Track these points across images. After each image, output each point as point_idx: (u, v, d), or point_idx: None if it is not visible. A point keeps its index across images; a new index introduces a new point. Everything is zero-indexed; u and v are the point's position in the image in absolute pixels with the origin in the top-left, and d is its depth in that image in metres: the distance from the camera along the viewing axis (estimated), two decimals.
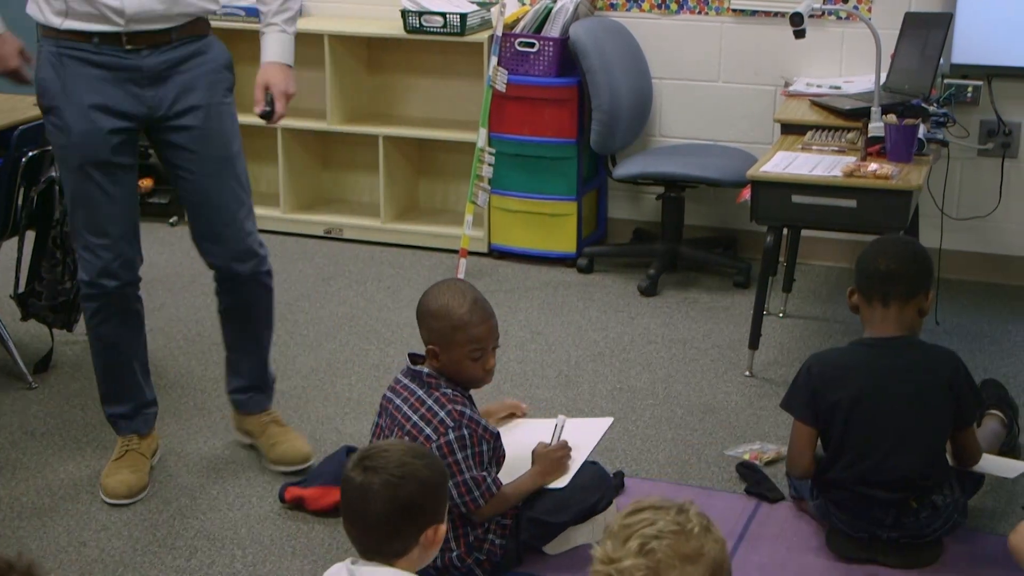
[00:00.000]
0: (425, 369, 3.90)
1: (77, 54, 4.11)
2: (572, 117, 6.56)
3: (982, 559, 4.01)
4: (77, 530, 4.16)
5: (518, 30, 6.55)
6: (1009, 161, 6.29)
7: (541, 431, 4.20)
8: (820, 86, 6.18)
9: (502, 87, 6.49)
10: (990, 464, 4.19)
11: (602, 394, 5.18)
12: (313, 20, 7.18)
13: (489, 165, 6.54)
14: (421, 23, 6.69)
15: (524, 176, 6.66)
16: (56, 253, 5.22)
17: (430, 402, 3.84)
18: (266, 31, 4.45)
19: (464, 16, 6.63)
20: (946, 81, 6.11)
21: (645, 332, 5.82)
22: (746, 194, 5.15)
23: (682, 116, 6.77)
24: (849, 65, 6.38)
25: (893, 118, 5.18)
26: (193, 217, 4.49)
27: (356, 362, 5.49)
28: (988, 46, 6.11)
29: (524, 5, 6.74)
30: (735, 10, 6.55)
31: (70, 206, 4.30)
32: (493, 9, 6.73)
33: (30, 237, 5.28)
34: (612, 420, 4.43)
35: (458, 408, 3.83)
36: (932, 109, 5.47)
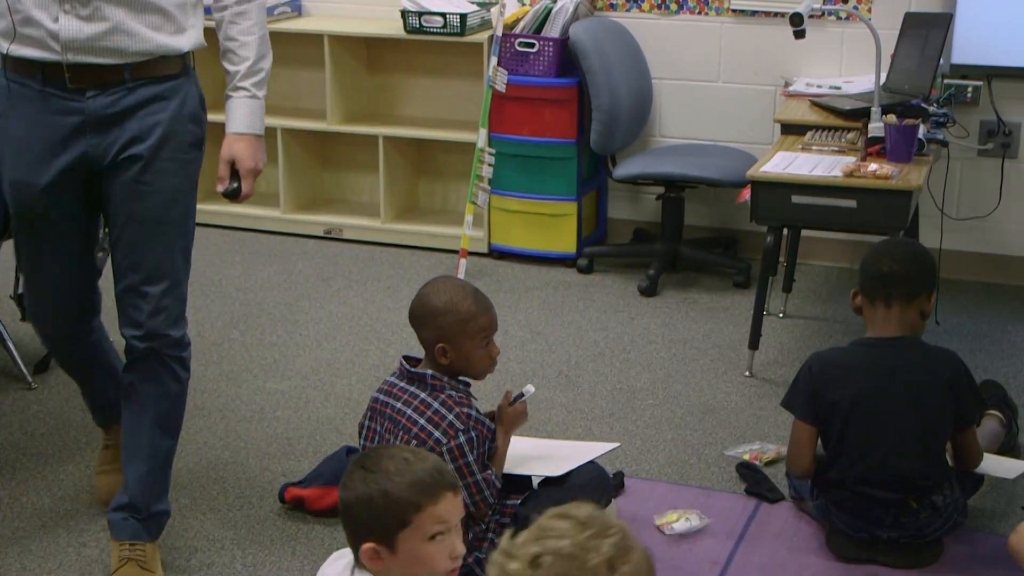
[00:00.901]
0: (429, 371, 3.86)
1: (24, 91, 3.66)
2: (572, 117, 6.56)
3: (982, 559, 4.01)
4: (76, 531, 4.15)
5: (518, 30, 6.55)
6: (1009, 161, 6.30)
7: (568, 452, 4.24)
8: (820, 86, 6.18)
9: (502, 87, 6.49)
10: (990, 464, 4.19)
11: (602, 394, 5.18)
12: (313, 20, 7.20)
13: (489, 165, 6.54)
14: (421, 23, 6.69)
15: (524, 176, 6.66)
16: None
17: (436, 405, 3.80)
18: (233, 95, 3.88)
19: (464, 16, 6.63)
20: (946, 81, 6.11)
21: (645, 332, 5.81)
22: (746, 194, 5.15)
23: (682, 116, 6.78)
24: (849, 65, 6.39)
25: (893, 118, 5.18)
26: (117, 279, 3.87)
27: (356, 362, 5.48)
28: (988, 46, 6.12)
29: (524, 5, 6.74)
30: (735, 10, 6.55)
31: (24, 267, 3.96)
32: (493, 9, 6.73)
33: None
34: (618, 444, 4.41)
35: (465, 410, 3.82)
36: (932, 109, 5.47)
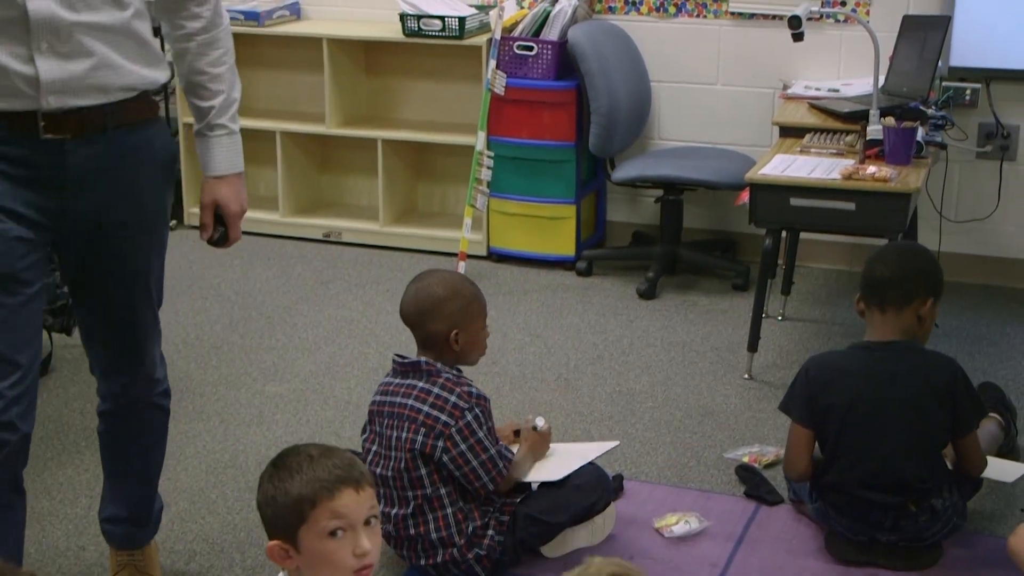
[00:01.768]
0: (421, 359, 3.92)
1: None
2: (571, 120, 6.56)
3: (981, 562, 4.01)
4: (76, 534, 4.16)
5: (516, 33, 6.56)
6: (1008, 164, 6.29)
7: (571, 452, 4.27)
8: (818, 89, 6.18)
9: (501, 90, 6.50)
10: (989, 468, 4.19)
11: (601, 397, 5.18)
12: (312, 24, 7.20)
13: (488, 168, 6.55)
14: (419, 27, 6.70)
15: (523, 179, 6.67)
16: (53, 256, 5.17)
17: (436, 389, 3.86)
18: (210, 134, 3.53)
19: (463, 20, 6.64)
20: (944, 84, 6.11)
21: (644, 335, 5.81)
22: (745, 197, 5.15)
23: (680, 119, 6.78)
24: (847, 68, 6.39)
25: (891, 121, 5.20)
26: (91, 340, 3.64)
27: (355, 365, 5.49)
28: (986, 49, 6.12)
29: (522, 8, 6.74)
30: (733, 13, 6.56)
31: None
32: (492, 12, 6.73)
33: None
34: (616, 444, 4.43)
35: (466, 389, 3.89)
36: (930, 112, 5.49)
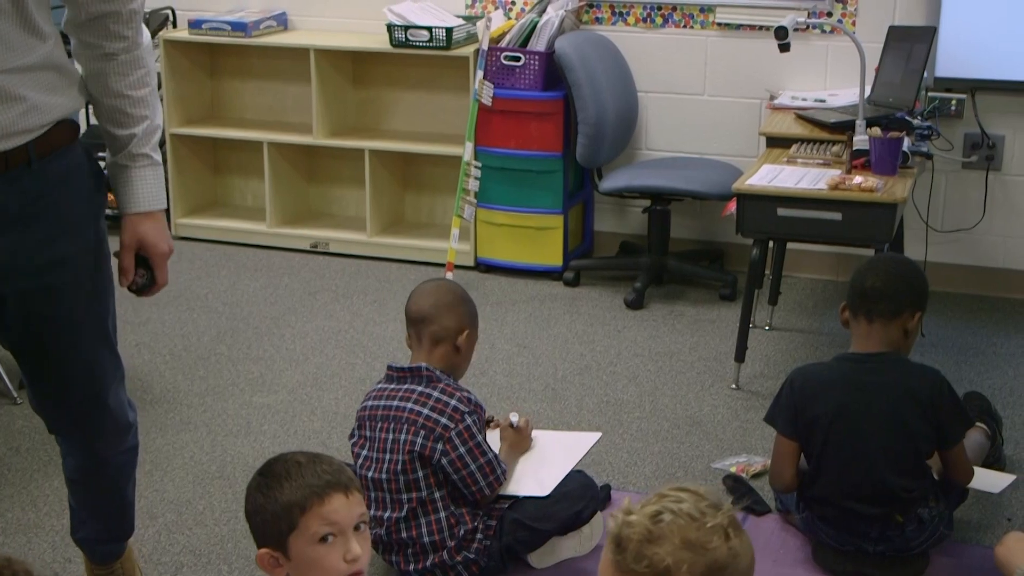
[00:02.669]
0: (422, 364, 3.95)
1: None
2: (558, 131, 6.57)
3: (968, 571, 4.02)
4: (62, 546, 4.14)
5: (504, 44, 6.57)
6: (993, 174, 6.31)
7: (555, 443, 4.30)
8: (805, 99, 6.20)
9: (488, 101, 6.51)
10: (976, 479, 4.19)
11: (589, 408, 5.19)
12: (299, 34, 7.22)
13: (475, 179, 6.56)
14: (407, 37, 6.70)
15: (510, 189, 6.67)
16: None
17: (437, 393, 3.90)
18: (132, 165, 3.17)
19: (450, 30, 6.65)
20: (930, 94, 6.13)
21: (631, 345, 5.82)
22: (732, 207, 5.16)
23: (668, 129, 6.79)
24: (834, 78, 6.41)
25: (878, 131, 5.21)
26: (46, 400, 3.41)
27: (343, 376, 5.48)
28: (972, 59, 6.14)
29: (510, 19, 6.76)
30: (720, 24, 6.57)
31: None
32: (479, 23, 6.74)
33: None
34: (600, 435, 4.44)
35: (465, 395, 3.94)
36: (916, 122, 5.50)
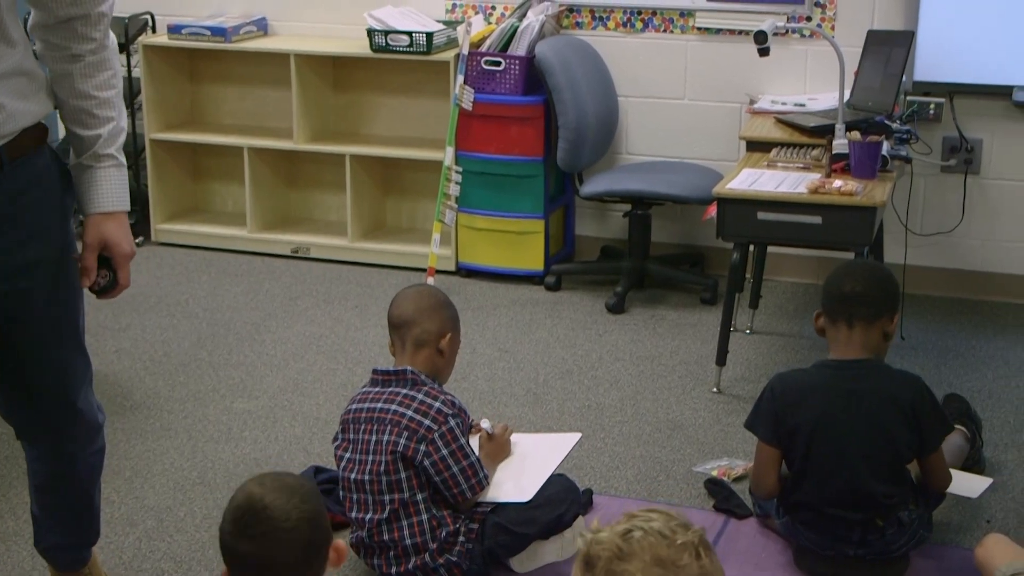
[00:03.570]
0: (408, 368, 3.98)
1: None
2: (539, 135, 6.58)
3: (948, 573, 4.04)
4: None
5: (484, 48, 6.58)
6: (972, 177, 6.34)
7: (535, 447, 4.32)
8: (785, 104, 6.22)
9: (468, 105, 6.52)
10: (954, 483, 4.20)
11: (570, 412, 5.19)
12: (279, 39, 7.22)
13: (456, 184, 6.55)
14: (387, 42, 6.71)
15: (491, 194, 6.68)
16: None
17: (421, 396, 3.92)
18: (96, 165, 3.17)
19: (430, 35, 6.65)
20: (909, 98, 6.17)
21: (613, 349, 5.83)
22: (712, 211, 5.17)
23: (648, 134, 6.80)
24: (813, 83, 6.42)
25: (857, 135, 5.23)
26: (13, 405, 3.36)
27: (324, 381, 5.49)
28: (950, 63, 6.17)
29: (490, 24, 6.78)
30: (700, 28, 6.59)
31: None
32: (459, 28, 6.74)
33: None
34: (580, 436, 4.45)
35: (449, 398, 3.96)
36: (895, 126, 5.51)
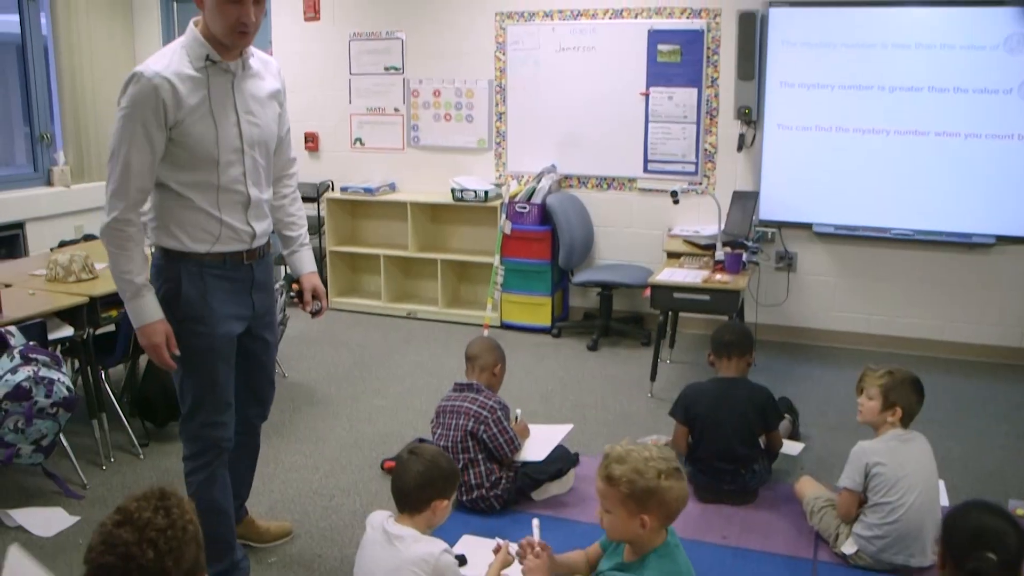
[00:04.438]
0: (475, 382, 3.96)
1: (216, 272, 2.95)
2: (548, 248, 6.55)
3: (780, 499, 4.03)
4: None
5: (517, 199, 6.55)
6: (792, 273, 6.30)
7: (545, 431, 4.22)
8: (687, 231, 6.22)
9: (508, 231, 6.53)
10: (784, 447, 4.22)
11: (566, 407, 5.15)
12: (402, 194, 7.10)
13: (500, 275, 6.56)
14: (463, 195, 6.70)
15: (520, 281, 6.63)
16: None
17: (481, 398, 3.90)
18: (300, 249, 3.30)
19: (487, 191, 6.65)
20: (757, 229, 6.14)
21: (591, 372, 5.78)
22: (648, 292, 5.15)
23: (611, 247, 6.76)
24: (704, 219, 6.40)
25: (728, 249, 5.25)
26: (256, 395, 3.28)
27: (425, 389, 5.40)
28: (779, 209, 6.13)
29: (520, 185, 6.73)
30: (640, 188, 6.54)
31: (195, 396, 2.99)
32: (503, 187, 6.77)
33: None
34: (572, 426, 4.38)
35: (497, 398, 3.93)
36: (750, 244, 5.52)
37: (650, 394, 5.31)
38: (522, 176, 6.87)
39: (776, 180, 6.11)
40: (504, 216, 6.56)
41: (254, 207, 3.00)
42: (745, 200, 5.86)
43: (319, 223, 7.23)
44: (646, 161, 6.49)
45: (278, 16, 7.34)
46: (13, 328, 3.76)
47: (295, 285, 3.36)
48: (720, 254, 5.27)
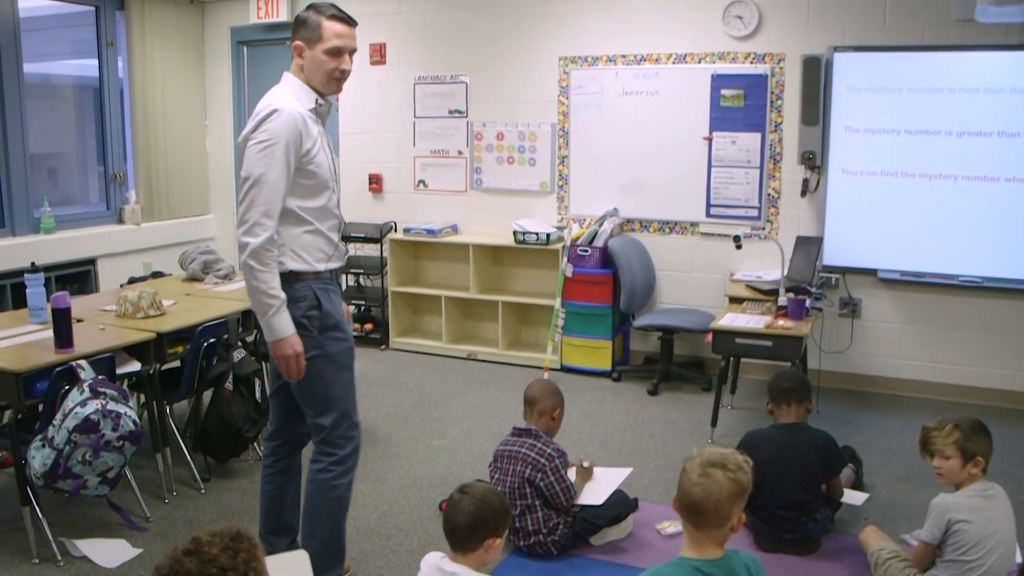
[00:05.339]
0: (533, 427, 3.95)
1: (332, 286, 3.26)
2: (609, 292, 6.54)
3: (842, 550, 3.99)
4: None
5: (579, 242, 6.56)
6: (856, 320, 6.25)
7: (605, 475, 4.23)
8: (750, 276, 6.18)
9: (570, 274, 6.54)
10: (846, 496, 4.18)
11: (626, 452, 5.14)
12: (464, 235, 7.15)
13: (562, 318, 6.56)
14: (524, 238, 6.74)
15: (581, 325, 6.62)
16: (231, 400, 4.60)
17: (540, 445, 3.91)
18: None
19: (548, 234, 6.68)
20: (820, 275, 6.11)
21: (651, 416, 5.76)
22: (709, 337, 5.15)
23: (672, 291, 6.75)
24: (767, 264, 6.38)
25: (792, 295, 5.23)
26: (305, 423, 3.41)
27: (483, 431, 5.42)
28: (842, 255, 6.09)
29: (582, 228, 6.75)
30: (703, 233, 6.54)
31: (342, 399, 3.25)
32: (565, 231, 6.77)
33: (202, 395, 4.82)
34: (632, 470, 4.38)
35: (556, 446, 3.93)
36: (813, 290, 5.48)
37: (710, 440, 5.27)
38: (584, 219, 6.87)
39: (840, 225, 6.08)
40: (566, 259, 6.55)
41: (341, 235, 3.36)
42: (809, 245, 5.82)
43: (382, 263, 7.31)
44: (709, 205, 6.50)
45: None
46: (84, 362, 3.87)
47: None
48: (783, 300, 5.23)
